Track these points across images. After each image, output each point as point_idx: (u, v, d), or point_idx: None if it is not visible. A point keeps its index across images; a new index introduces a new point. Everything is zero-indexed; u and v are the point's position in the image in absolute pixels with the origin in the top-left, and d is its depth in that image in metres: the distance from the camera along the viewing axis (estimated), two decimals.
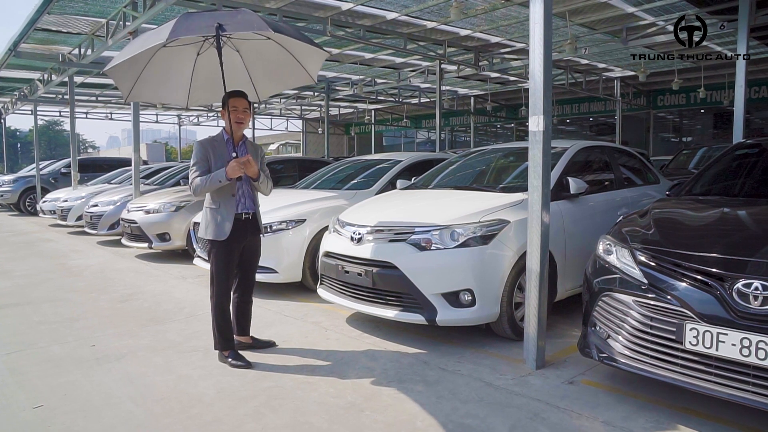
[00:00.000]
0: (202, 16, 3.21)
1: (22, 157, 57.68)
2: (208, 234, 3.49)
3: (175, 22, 3.07)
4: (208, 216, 3.50)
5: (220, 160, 3.43)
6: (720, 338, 2.42)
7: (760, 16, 7.46)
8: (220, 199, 3.47)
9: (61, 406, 2.93)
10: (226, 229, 3.44)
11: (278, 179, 8.97)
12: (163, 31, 3.08)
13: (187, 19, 3.14)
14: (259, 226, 3.69)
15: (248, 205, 3.56)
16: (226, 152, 3.44)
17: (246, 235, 3.57)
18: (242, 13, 3.22)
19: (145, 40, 3.21)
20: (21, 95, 16.63)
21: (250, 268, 3.76)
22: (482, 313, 3.64)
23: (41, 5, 8.30)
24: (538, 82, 3.23)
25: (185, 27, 3.06)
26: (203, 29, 3.12)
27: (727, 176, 4.10)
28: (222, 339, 3.56)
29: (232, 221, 3.45)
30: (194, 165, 3.46)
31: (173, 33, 2.98)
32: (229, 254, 3.51)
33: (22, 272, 6.71)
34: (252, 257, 3.73)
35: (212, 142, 3.52)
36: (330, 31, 9.34)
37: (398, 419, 2.74)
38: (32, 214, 14.95)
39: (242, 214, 3.51)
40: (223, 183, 3.37)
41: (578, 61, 13.88)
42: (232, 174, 3.31)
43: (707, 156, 10.21)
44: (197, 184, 3.42)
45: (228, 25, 3.08)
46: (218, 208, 3.47)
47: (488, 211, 3.84)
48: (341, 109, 25.20)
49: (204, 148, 3.47)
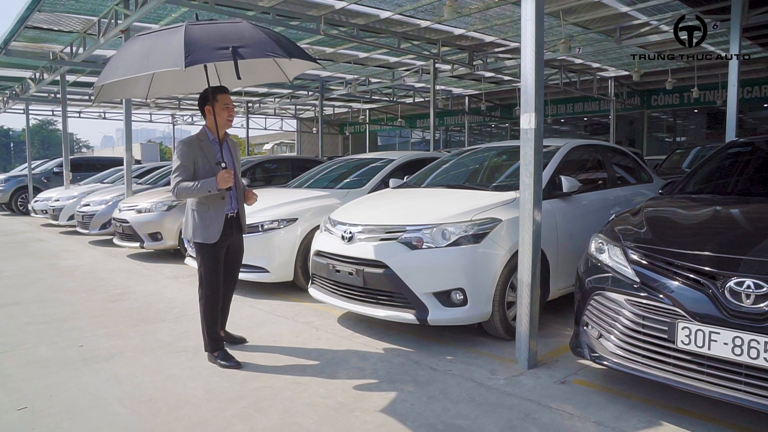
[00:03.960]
0: (210, 34, 2.94)
1: (14, 157, 57.35)
2: (196, 237, 3.42)
3: (185, 38, 2.81)
4: (196, 218, 3.42)
5: (207, 161, 3.35)
6: (712, 337, 2.40)
7: (752, 16, 7.47)
8: (210, 202, 3.39)
9: (46, 408, 2.89)
10: (215, 231, 3.39)
11: (271, 179, 8.95)
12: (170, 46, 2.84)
13: (194, 33, 2.89)
14: (242, 225, 3.65)
15: (234, 205, 3.55)
16: (213, 154, 3.37)
17: (231, 233, 3.55)
18: (246, 30, 3.04)
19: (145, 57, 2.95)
20: (13, 94, 16.51)
21: (235, 266, 3.75)
22: (474, 313, 3.62)
23: (31, 3, 8.21)
24: (529, 79, 3.20)
25: (201, 49, 2.81)
26: (218, 55, 2.86)
27: (719, 175, 4.09)
28: (211, 340, 3.53)
29: (222, 223, 3.40)
30: (178, 167, 3.32)
31: (192, 58, 2.73)
32: (217, 256, 3.48)
33: (11, 272, 6.64)
34: (237, 255, 3.73)
35: (197, 142, 3.40)
36: (323, 30, 9.29)
37: (388, 420, 2.71)
38: (24, 213, 14.85)
39: (228, 214, 3.49)
40: (212, 192, 3.29)
41: (572, 61, 13.89)
42: (222, 185, 3.26)
43: (700, 155, 10.24)
44: (183, 189, 3.29)
45: (243, 50, 2.88)
46: (207, 210, 3.40)
47: (480, 210, 3.81)
48: (335, 108, 25.12)
49: (191, 149, 3.35)
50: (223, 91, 3.43)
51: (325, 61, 13.52)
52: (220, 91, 3.41)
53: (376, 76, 15.94)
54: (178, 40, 2.84)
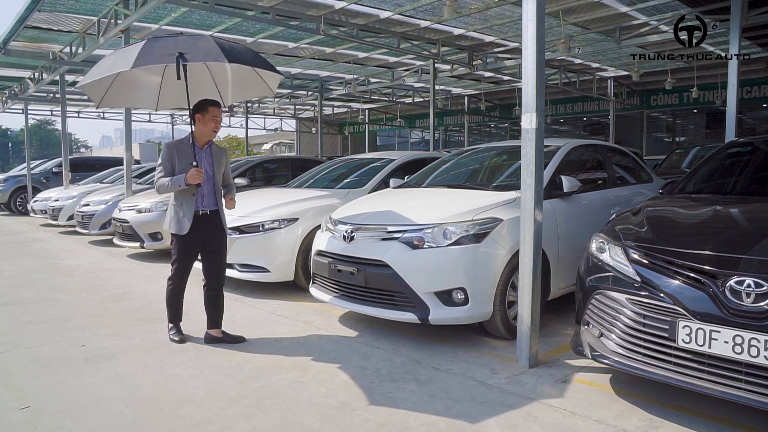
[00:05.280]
0: (166, 44, 3.44)
1: (13, 157, 57.26)
2: (171, 228, 3.82)
3: (141, 47, 3.38)
4: (172, 212, 3.83)
5: (184, 162, 3.73)
6: (713, 336, 2.41)
7: (752, 16, 7.48)
8: (183, 197, 3.78)
9: (48, 406, 2.89)
10: (185, 225, 3.75)
11: (271, 178, 8.95)
12: (130, 54, 3.37)
13: (153, 45, 3.42)
14: (223, 224, 3.91)
15: (207, 203, 3.82)
16: (192, 156, 3.73)
17: (206, 229, 3.82)
18: (203, 41, 3.49)
19: (113, 63, 3.51)
20: (12, 94, 16.50)
21: (218, 262, 3.95)
22: (475, 312, 3.63)
23: (31, 2, 8.21)
24: (530, 79, 3.21)
25: (150, 55, 3.35)
26: (165, 58, 3.36)
27: (719, 174, 4.11)
28: (170, 313, 3.98)
29: (191, 218, 3.75)
30: (160, 165, 3.78)
31: (138, 61, 3.27)
32: (186, 247, 3.82)
33: (11, 272, 6.64)
34: (217, 252, 3.92)
35: (178, 145, 3.82)
36: (323, 30, 9.29)
37: (390, 419, 2.72)
38: (23, 213, 14.83)
39: (199, 210, 3.78)
40: (182, 187, 3.67)
41: (572, 61, 13.90)
42: (191, 180, 3.62)
43: (700, 155, 10.26)
44: (161, 184, 3.74)
45: (188, 54, 3.34)
46: (180, 205, 3.78)
47: (481, 210, 3.82)
48: (335, 108, 25.12)
49: (170, 151, 3.78)
50: (216, 105, 3.82)
51: (324, 61, 13.53)
52: (213, 104, 3.80)
53: (376, 76, 15.94)
54: (137, 46, 3.44)
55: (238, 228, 5.22)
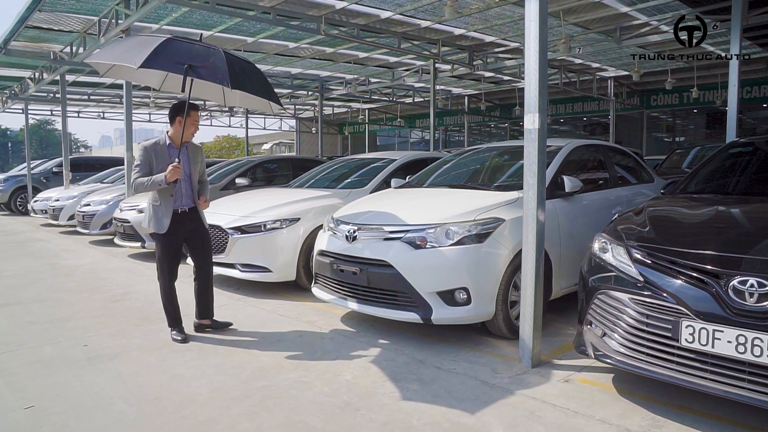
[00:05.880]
0: (181, 49, 3.50)
1: (13, 157, 57.22)
2: (150, 227, 3.91)
3: (156, 46, 3.38)
4: (151, 211, 3.91)
5: (162, 162, 3.83)
6: (716, 335, 2.42)
7: (752, 16, 7.48)
8: (161, 197, 3.87)
9: (52, 406, 2.89)
10: (164, 223, 3.85)
11: (272, 178, 8.96)
12: (144, 48, 3.38)
13: (167, 47, 3.44)
14: (202, 219, 4.06)
15: (185, 201, 3.94)
16: (168, 156, 3.84)
17: (185, 227, 3.94)
18: (215, 57, 3.54)
19: (125, 53, 3.52)
20: (12, 94, 16.48)
21: (203, 256, 4.08)
22: (478, 312, 3.63)
23: (32, 2, 8.20)
24: (533, 79, 3.22)
25: (161, 59, 3.38)
26: (174, 66, 3.44)
27: (721, 175, 4.11)
28: (168, 317, 4.01)
29: (170, 217, 3.85)
30: (137, 166, 3.86)
31: (147, 62, 3.30)
32: (168, 244, 3.92)
33: (11, 272, 6.64)
34: (201, 246, 4.06)
35: (155, 146, 3.90)
36: (324, 30, 9.29)
37: (394, 418, 2.72)
38: (23, 213, 14.83)
39: (178, 209, 3.90)
40: (162, 185, 3.77)
41: (572, 61, 13.90)
42: (171, 177, 3.71)
43: (700, 155, 10.26)
44: (139, 183, 3.81)
45: (199, 69, 3.44)
46: (159, 204, 3.87)
47: (483, 210, 3.83)
48: (335, 108, 25.13)
49: (148, 153, 3.87)
50: (197, 109, 3.94)
51: (325, 61, 13.53)
52: (195, 108, 3.90)
53: (376, 76, 15.94)
54: (152, 42, 3.43)
55: (240, 228, 5.22)
